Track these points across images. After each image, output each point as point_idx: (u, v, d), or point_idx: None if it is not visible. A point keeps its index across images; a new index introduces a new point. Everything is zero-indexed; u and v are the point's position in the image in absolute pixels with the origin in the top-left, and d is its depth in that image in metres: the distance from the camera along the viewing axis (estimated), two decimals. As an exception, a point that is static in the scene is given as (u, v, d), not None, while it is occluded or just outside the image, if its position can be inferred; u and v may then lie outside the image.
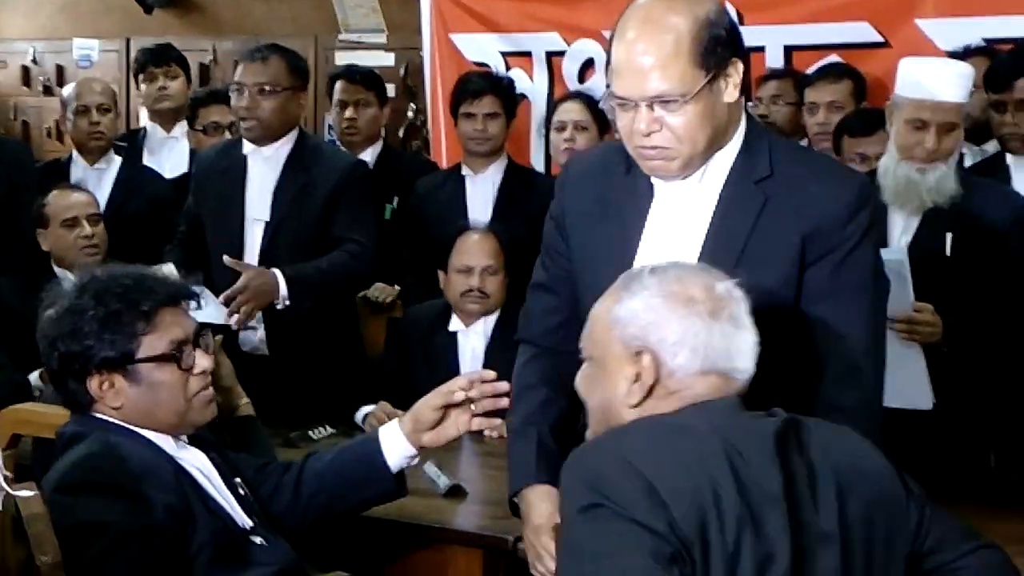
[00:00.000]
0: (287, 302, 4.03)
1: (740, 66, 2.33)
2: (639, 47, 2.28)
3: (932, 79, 3.62)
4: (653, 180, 2.46)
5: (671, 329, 1.98)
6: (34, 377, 4.09)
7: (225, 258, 4.02)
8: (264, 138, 4.23)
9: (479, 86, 4.83)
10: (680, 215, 2.42)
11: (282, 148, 4.27)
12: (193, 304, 2.60)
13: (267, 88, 4.19)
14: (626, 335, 2.00)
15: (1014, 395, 3.60)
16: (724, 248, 2.35)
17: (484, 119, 4.77)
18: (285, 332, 4.21)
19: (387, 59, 5.97)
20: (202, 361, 2.52)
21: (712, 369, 1.98)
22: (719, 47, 2.28)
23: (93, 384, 2.46)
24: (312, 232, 4.20)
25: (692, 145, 2.32)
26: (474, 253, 4.13)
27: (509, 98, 4.89)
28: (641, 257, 2.40)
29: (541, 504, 2.50)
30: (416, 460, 2.82)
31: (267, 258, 4.18)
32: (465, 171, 4.86)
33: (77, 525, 2.34)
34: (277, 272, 4.02)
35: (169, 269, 3.65)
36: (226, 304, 3.90)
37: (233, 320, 3.91)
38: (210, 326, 2.73)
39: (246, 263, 4.07)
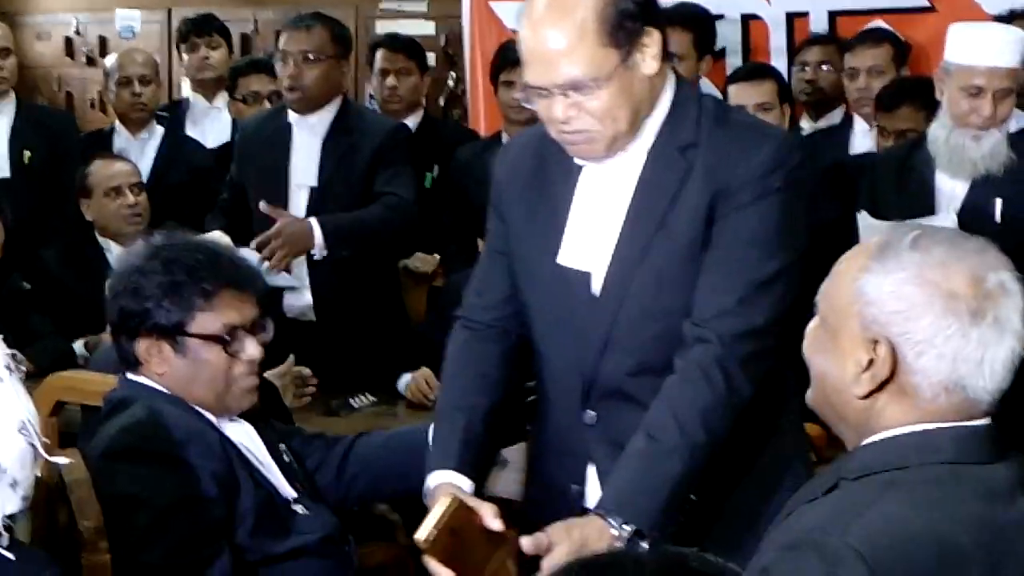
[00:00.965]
0: (324, 251, 4.02)
1: (657, 35, 2.26)
2: (544, 33, 2.21)
3: (985, 44, 3.57)
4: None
5: (920, 325, 1.67)
6: (78, 345, 4.13)
7: (262, 204, 4.01)
8: (309, 107, 4.23)
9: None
10: (606, 186, 2.35)
11: (326, 115, 4.26)
12: None
13: (311, 56, 4.18)
14: (867, 315, 1.70)
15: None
16: (646, 216, 2.29)
17: (525, 87, 4.74)
18: (331, 299, 4.21)
19: (427, 28, 5.94)
20: (251, 349, 2.50)
21: (957, 384, 1.68)
22: (628, 21, 2.21)
23: (142, 345, 2.46)
24: (357, 195, 4.18)
25: (613, 125, 2.25)
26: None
27: None
28: (569, 233, 2.35)
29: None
30: None
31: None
32: (506, 139, 4.83)
33: (124, 496, 2.34)
34: (313, 220, 4.01)
35: (219, 235, 3.64)
36: (259, 250, 3.89)
37: (266, 265, 3.87)
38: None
39: (282, 210, 4.05)
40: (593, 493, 2.36)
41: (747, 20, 5.14)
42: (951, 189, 3.65)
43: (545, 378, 2.47)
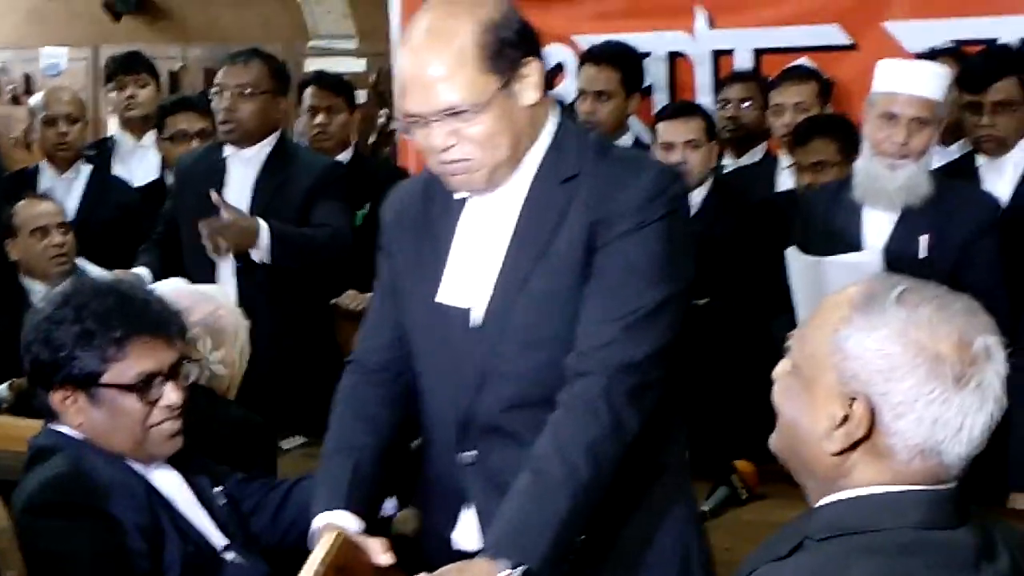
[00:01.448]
0: (267, 256, 4.08)
1: (537, 64, 2.23)
2: (423, 59, 2.19)
3: (904, 74, 3.66)
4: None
5: (901, 387, 1.60)
6: (2, 388, 4.05)
7: (212, 193, 4.04)
8: (243, 140, 4.26)
9: None
10: (488, 220, 2.31)
11: (262, 150, 4.29)
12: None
13: (247, 91, 4.22)
14: (846, 370, 1.63)
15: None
16: (528, 247, 2.25)
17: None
18: (262, 336, 4.16)
19: (358, 65, 5.93)
20: (170, 395, 2.42)
21: (934, 449, 1.62)
22: (509, 48, 2.19)
23: (57, 397, 2.40)
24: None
25: (494, 154, 2.22)
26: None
27: None
28: (450, 269, 2.32)
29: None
30: (396, 511, 2.70)
31: (245, 257, 4.16)
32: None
33: (48, 552, 2.28)
34: (262, 221, 4.07)
35: (142, 271, 3.62)
36: (207, 237, 4.02)
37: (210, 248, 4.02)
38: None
39: (233, 205, 4.08)
40: (472, 535, 2.32)
41: (674, 58, 5.19)
42: (878, 225, 3.68)
43: (425, 418, 2.42)
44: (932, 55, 4.42)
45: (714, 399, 3.76)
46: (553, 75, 5.37)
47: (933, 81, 3.62)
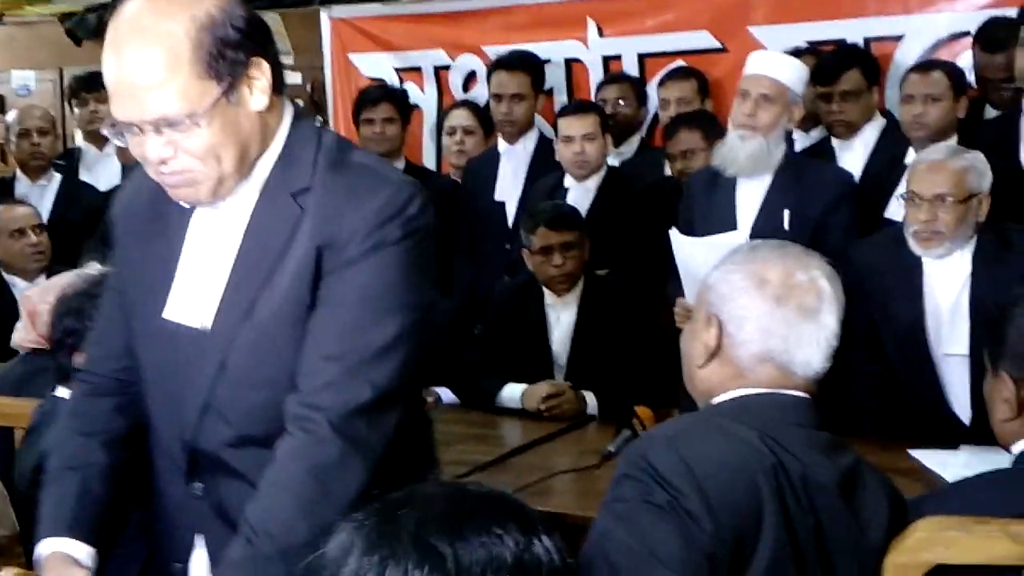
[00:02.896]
0: None
1: (266, 66, 1.76)
2: (130, 63, 1.69)
3: (757, 59, 3.73)
4: None
5: (738, 304, 1.81)
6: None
7: None
8: None
9: (377, 95, 4.83)
10: (216, 232, 1.86)
11: None
12: None
13: None
14: (708, 300, 1.85)
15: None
16: (253, 269, 1.81)
17: (382, 123, 4.77)
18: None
19: (294, 77, 5.89)
20: None
21: (770, 356, 1.80)
22: (230, 50, 1.71)
23: (79, 359, 2.43)
24: None
25: (218, 166, 1.75)
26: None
27: (403, 105, 4.89)
28: (178, 284, 1.87)
29: (58, 568, 1.86)
30: None
31: None
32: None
33: None
34: None
35: (94, 267, 3.57)
36: None
37: None
38: None
39: None
40: (202, 568, 1.92)
41: (570, 63, 5.22)
42: (748, 203, 3.73)
43: (152, 441, 1.96)
44: (794, 55, 4.49)
45: (616, 355, 3.80)
46: (467, 81, 5.40)
47: (779, 66, 3.68)
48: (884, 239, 3.45)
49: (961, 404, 3.23)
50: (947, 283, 3.24)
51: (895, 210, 3.80)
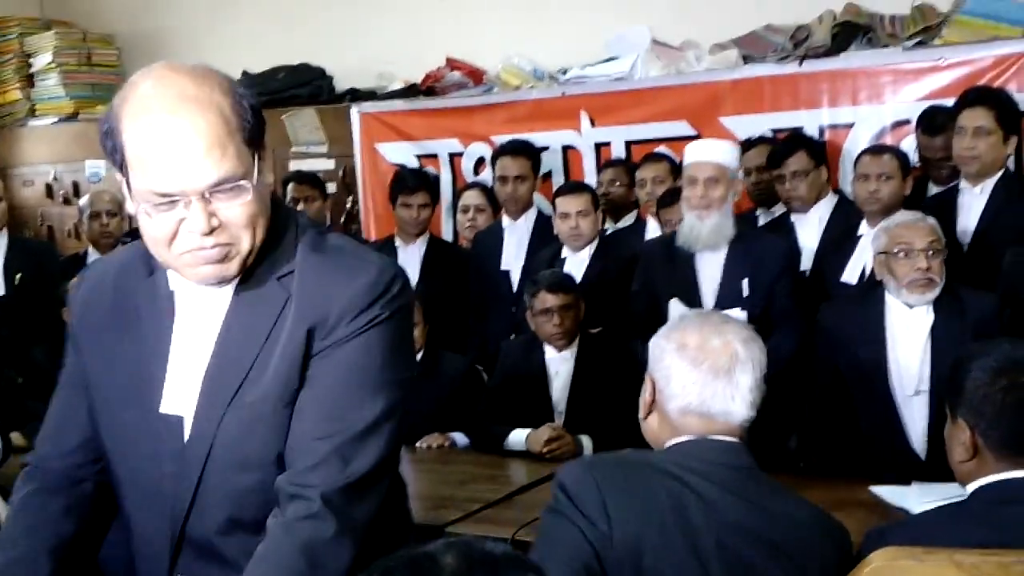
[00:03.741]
0: None
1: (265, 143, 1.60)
2: (183, 130, 1.48)
3: (697, 149, 3.77)
4: (172, 283, 1.65)
5: (663, 365, 1.89)
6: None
7: None
8: None
9: (415, 184, 4.82)
10: (205, 317, 1.63)
11: None
12: None
13: None
14: (649, 360, 1.93)
15: (810, 393, 3.61)
16: (240, 353, 1.59)
17: (418, 208, 4.78)
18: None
19: (328, 164, 5.91)
20: None
21: (690, 409, 1.86)
22: (254, 119, 1.55)
23: None
24: None
25: (252, 238, 1.57)
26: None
27: (435, 190, 4.92)
28: (172, 372, 1.63)
29: None
30: None
31: None
32: (398, 243, 4.85)
33: None
34: None
35: None
36: None
37: None
38: None
39: None
40: None
41: (566, 150, 5.23)
42: (709, 274, 3.72)
43: (133, 533, 1.72)
44: (753, 142, 4.51)
45: (609, 403, 3.76)
46: (477, 165, 5.42)
47: (717, 150, 3.72)
48: (848, 299, 3.44)
49: (918, 440, 3.19)
50: (912, 330, 3.21)
51: (850, 274, 3.79)
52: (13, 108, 6.70)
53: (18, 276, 4.96)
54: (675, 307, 3.56)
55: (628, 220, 4.87)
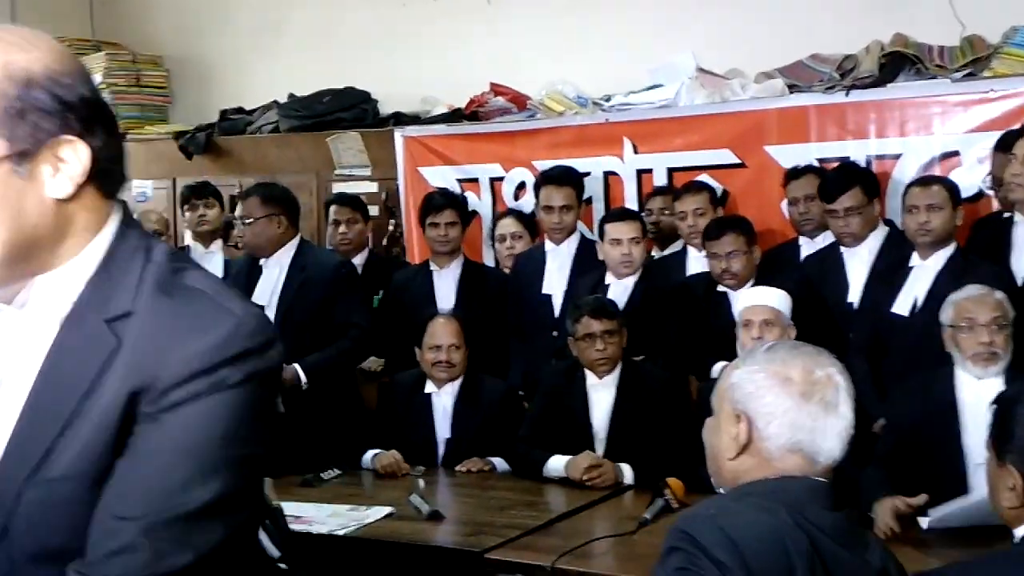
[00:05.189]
0: (306, 384, 4.05)
1: (84, 152, 1.25)
2: None
3: (752, 294, 3.71)
4: None
5: (765, 401, 1.74)
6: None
7: None
8: (260, 254, 4.25)
9: (441, 202, 4.81)
10: (9, 363, 1.28)
11: (281, 258, 4.23)
12: None
13: (247, 220, 4.22)
14: (733, 398, 1.77)
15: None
16: (50, 410, 1.23)
17: (446, 227, 4.74)
18: (305, 396, 4.13)
19: (372, 187, 5.91)
20: None
21: (798, 447, 1.72)
22: (36, 114, 1.22)
23: None
24: (313, 317, 4.13)
25: None
26: (441, 334, 4.04)
27: (464, 209, 4.87)
28: None
29: None
30: None
31: (287, 336, 4.09)
32: (432, 266, 4.81)
33: None
34: (297, 367, 4.02)
35: None
36: None
37: None
38: None
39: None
40: None
41: (608, 176, 5.18)
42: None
43: None
44: (800, 171, 4.45)
45: (650, 431, 3.71)
46: (517, 190, 5.39)
47: (771, 296, 3.61)
48: (915, 384, 3.34)
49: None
50: (983, 400, 3.09)
51: (901, 306, 3.72)
52: (63, 127, 6.77)
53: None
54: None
55: (675, 247, 4.82)
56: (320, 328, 4.13)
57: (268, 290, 4.18)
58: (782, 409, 1.72)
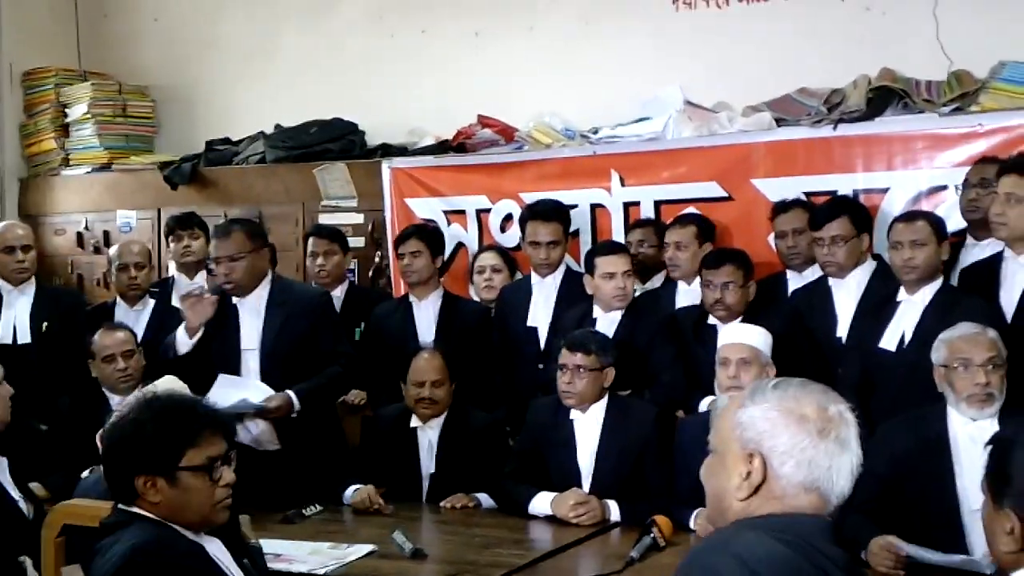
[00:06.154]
0: (299, 408, 4.01)
1: None
2: None
3: (731, 332, 3.70)
4: None
5: (781, 440, 1.71)
6: (85, 475, 3.90)
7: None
8: (243, 292, 4.14)
9: (407, 232, 4.81)
10: None
11: (260, 294, 4.15)
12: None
13: (234, 257, 4.08)
14: (744, 437, 1.74)
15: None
16: None
17: (410, 256, 4.71)
18: (289, 431, 4.07)
19: (358, 218, 5.88)
20: (228, 475, 2.34)
21: (814, 486, 1.71)
22: None
23: (140, 482, 2.28)
24: (296, 352, 4.08)
25: None
26: (424, 371, 4.00)
27: (432, 239, 4.80)
28: None
29: None
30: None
31: (264, 376, 4.05)
32: (412, 299, 4.78)
33: None
34: (292, 395, 3.98)
35: (171, 379, 3.44)
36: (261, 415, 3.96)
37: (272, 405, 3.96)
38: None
39: (277, 395, 4.00)
40: None
41: (594, 208, 5.16)
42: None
43: None
44: (788, 204, 4.44)
45: (636, 468, 3.68)
46: (504, 222, 5.37)
47: (750, 334, 3.59)
48: (908, 420, 3.28)
49: (981, 553, 2.92)
50: (978, 442, 3.04)
51: (888, 341, 3.69)
52: (48, 157, 6.73)
53: (44, 325, 4.92)
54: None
55: (656, 281, 4.79)
56: (303, 362, 4.09)
57: (251, 330, 4.12)
58: (799, 447, 1.70)
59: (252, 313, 4.14)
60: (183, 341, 4.10)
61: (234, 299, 4.16)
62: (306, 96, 6.22)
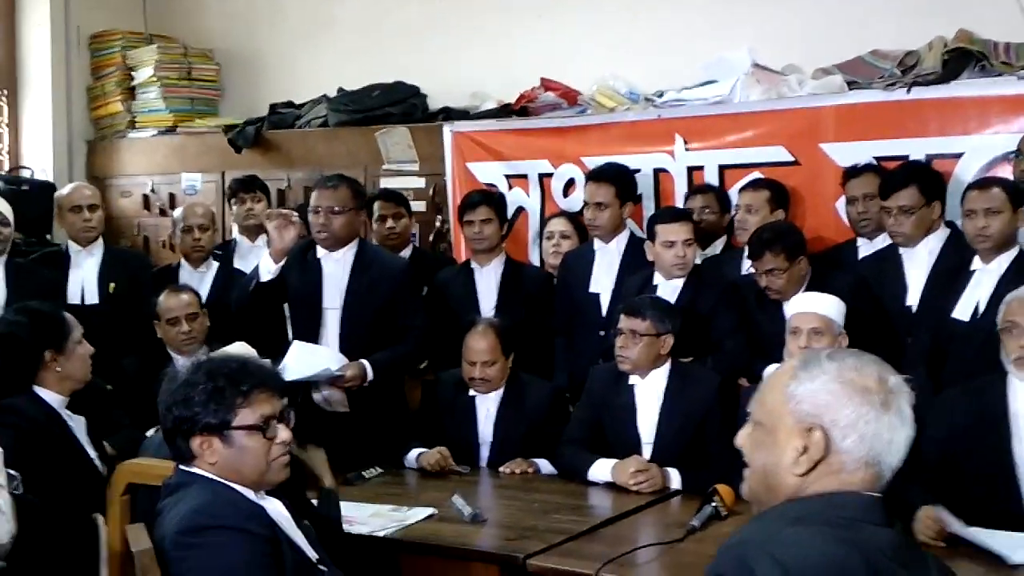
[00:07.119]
0: (372, 378, 4.08)
1: None
2: None
3: (802, 300, 3.59)
4: None
5: (845, 413, 1.65)
6: (150, 434, 3.96)
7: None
8: (335, 246, 4.17)
9: (476, 199, 4.76)
10: None
11: (348, 253, 4.19)
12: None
13: (336, 209, 4.11)
14: (800, 411, 1.66)
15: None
16: None
17: (480, 224, 4.68)
18: (358, 396, 4.11)
19: (419, 182, 5.87)
20: (283, 434, 2.38)
21: (875, 460, 1.65)
22: None
23: (196, 442, 2.33)
24: (375, 317, 4.13)
25: None
26: (476, 351, 3.96)
27: (499, 206, 4.78)
28: None
29: None
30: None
31: (342, 338, 4.11)
32: (474, 265, 4.77)
33: (206, 566, 2.21)
34: (367, 363, 4.05)
35: (241, 345, 3.48)
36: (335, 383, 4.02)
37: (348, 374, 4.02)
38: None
39: (353, 363, 4.06)
40: None
41: (658, 173, 5.09)
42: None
43: None
44: (858, 169, 4.34)
45: (698, 436, 3.64)
46: (567, 187, 5.33)
47: (822, 303, 3.50)
48: (968, 390, 3.19)
49: None
50: None
51: (962, 311, 3.61)
52: (114, 120, 6.82)
53: (112, 286, 5.00)
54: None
55: (717, 247, 4.72)
56: (382, 328, 4.14)
57: (334, 288, 4.16)
58: (864, 420, 1.64)
59: (337, 272, 4.17)
60: (266, 268, 4.14)
61: (319, 254, 4.19)
62: (368, 60, 6.22)
